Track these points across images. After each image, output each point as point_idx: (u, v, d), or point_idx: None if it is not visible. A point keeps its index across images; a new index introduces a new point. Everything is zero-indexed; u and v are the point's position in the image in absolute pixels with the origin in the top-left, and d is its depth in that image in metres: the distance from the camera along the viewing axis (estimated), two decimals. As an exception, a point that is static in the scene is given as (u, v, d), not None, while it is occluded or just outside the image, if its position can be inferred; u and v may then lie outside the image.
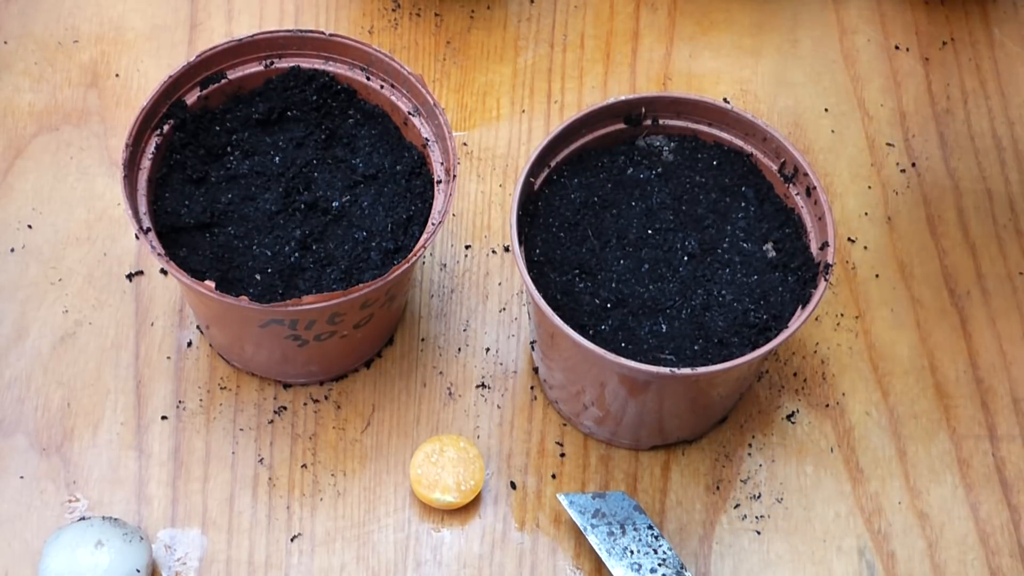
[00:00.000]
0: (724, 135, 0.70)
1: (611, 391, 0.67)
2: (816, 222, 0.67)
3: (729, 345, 0.65)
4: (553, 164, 0.69)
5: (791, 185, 0.69)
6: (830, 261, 0.65)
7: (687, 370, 0.62)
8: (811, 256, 0.67)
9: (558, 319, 0.63)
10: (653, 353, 0.64)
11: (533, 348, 0.73)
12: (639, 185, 0.69)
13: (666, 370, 0.62)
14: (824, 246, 0.66)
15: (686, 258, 0.67)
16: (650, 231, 0.68)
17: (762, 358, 0.63)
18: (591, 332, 0.65)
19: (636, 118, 0.70)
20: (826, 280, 0.65)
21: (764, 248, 0.67)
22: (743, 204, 0.69)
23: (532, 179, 0.68)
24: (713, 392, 0.68)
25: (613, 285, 0.66)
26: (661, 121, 0.71)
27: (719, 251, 0.67)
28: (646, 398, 0.67)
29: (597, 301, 0.66)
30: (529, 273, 0.65)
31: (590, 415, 0.70)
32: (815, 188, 0.67)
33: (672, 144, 0.71)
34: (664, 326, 0.65)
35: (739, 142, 0.70)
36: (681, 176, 0.70)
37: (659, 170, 0.70)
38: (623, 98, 0.70)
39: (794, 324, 0.64)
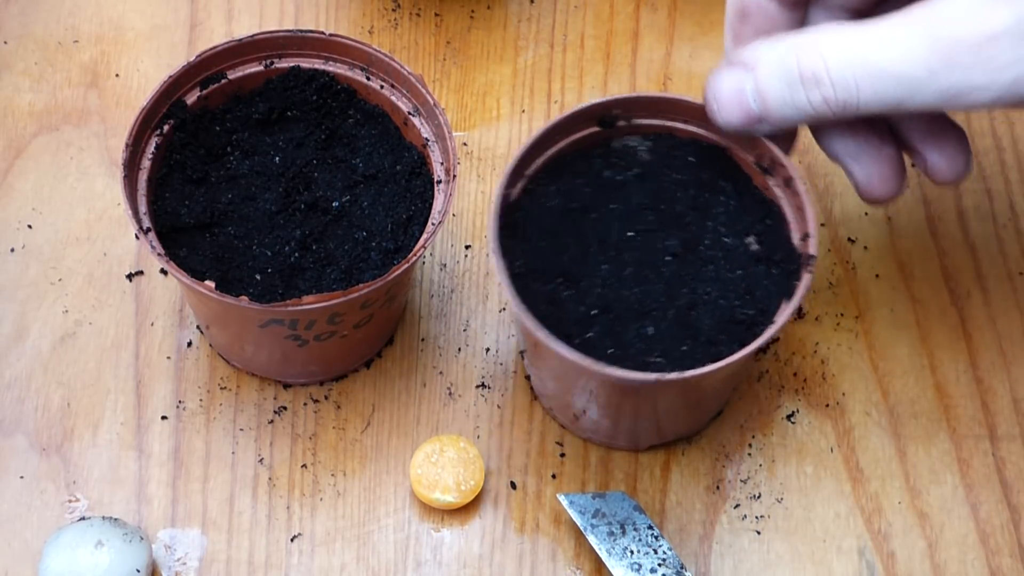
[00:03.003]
0: (700, 131, 0.69)
1: (602, 398, 0.66)
2: (796, 213, 0.67)
3: (717, 343, 0.64)
4: (529, 173, 0.68)
5: (769, 177, 0.68)
6: (812, 252, 0.64)
7: (674, 375, 0.61)
8: (794, 248, 0.66)
9: (541, 331, 0.61)
10: (642, 357, 0.63)
11: (523, 357, 0.73)
12: (617, 187, 0.68)
13: (652, 377, 0.61)
14: (806, 237, 0.65)
15: (668, 258, 0.66)
16: (631, 233, 0.67)
17: (752, 354, 0.63)
18: (577, 341, 0.63)
19: (610, 120, 0.69)
20: (809, 272, 0.64)
21: (746, 241, 0.67)
22: (722, 199, 0.68)
23: (509, 191, 0.67)
24: (706, 388, 0.68)
25: (597, 291, 0.65)
26: (636, 121, 0.70)
27: (701, 248, 0.66)
28: (638, 402, 0.66)
29: (582, 308, 0.65)
30: (513, 286, 0.64)
31: (584, 422, 0.70)
32: (793, 179, 0.66)
33: (648, 143, 0.70)
34: (651, 328, 0.64)
35: (715, 136, 0.69)
36: (659, 175, 0.68)
37: (636, 170, 0.69)
38: (595, 101, 0.68)
39: (780, 318, 0.63)
